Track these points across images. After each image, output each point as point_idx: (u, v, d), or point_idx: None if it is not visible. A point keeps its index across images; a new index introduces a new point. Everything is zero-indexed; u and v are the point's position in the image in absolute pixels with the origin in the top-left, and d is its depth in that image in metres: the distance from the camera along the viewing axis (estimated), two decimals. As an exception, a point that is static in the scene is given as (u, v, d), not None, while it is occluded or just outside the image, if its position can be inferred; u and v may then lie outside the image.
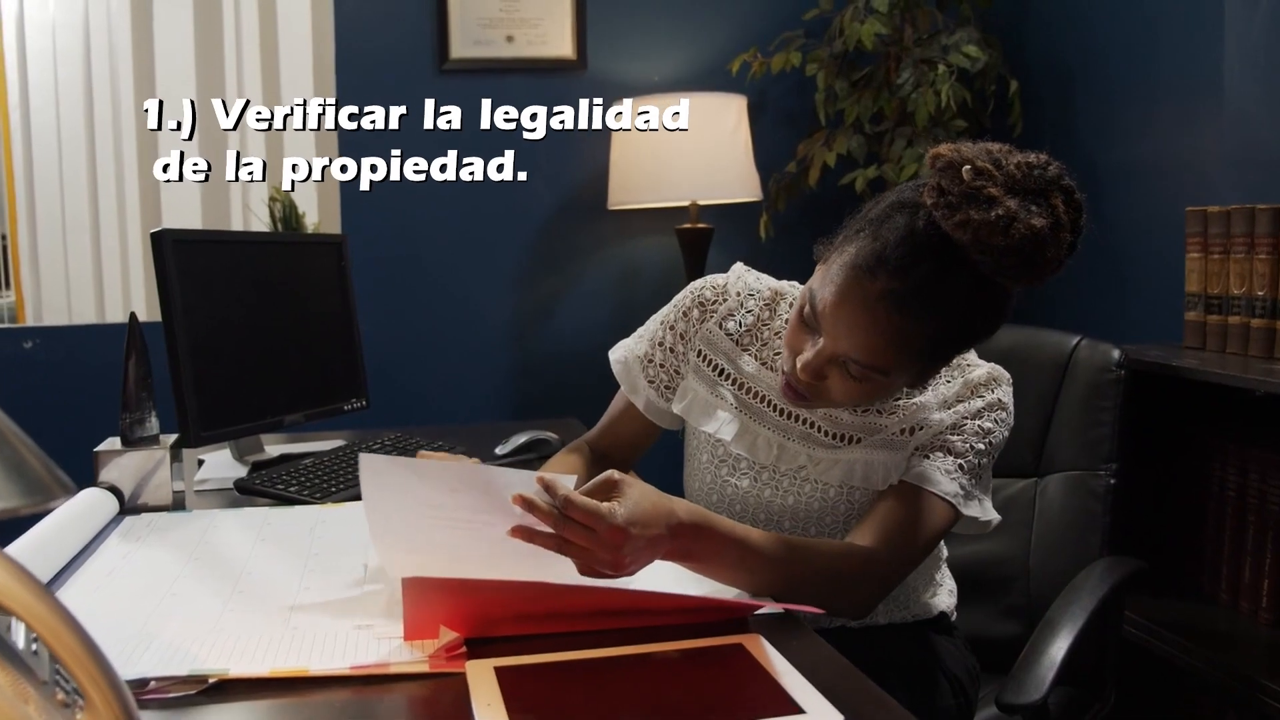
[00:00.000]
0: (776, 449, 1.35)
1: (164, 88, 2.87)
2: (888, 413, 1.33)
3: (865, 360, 1.18)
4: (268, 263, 1.81)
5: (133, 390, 1.46)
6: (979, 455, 1.29)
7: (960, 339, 1.22)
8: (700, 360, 1.42)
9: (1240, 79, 2.18)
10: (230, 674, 0.91)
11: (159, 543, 1.31)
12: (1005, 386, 1.33)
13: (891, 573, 1.23)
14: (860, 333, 1.16)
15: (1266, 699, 1.65)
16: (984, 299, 1.18)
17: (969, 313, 1.18)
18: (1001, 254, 1.10)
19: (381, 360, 2.64)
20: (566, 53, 3.07)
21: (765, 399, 1.37)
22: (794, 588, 1.14)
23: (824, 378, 1.22)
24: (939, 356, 1.23)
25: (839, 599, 1.20)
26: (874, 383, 1.20)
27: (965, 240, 1.10)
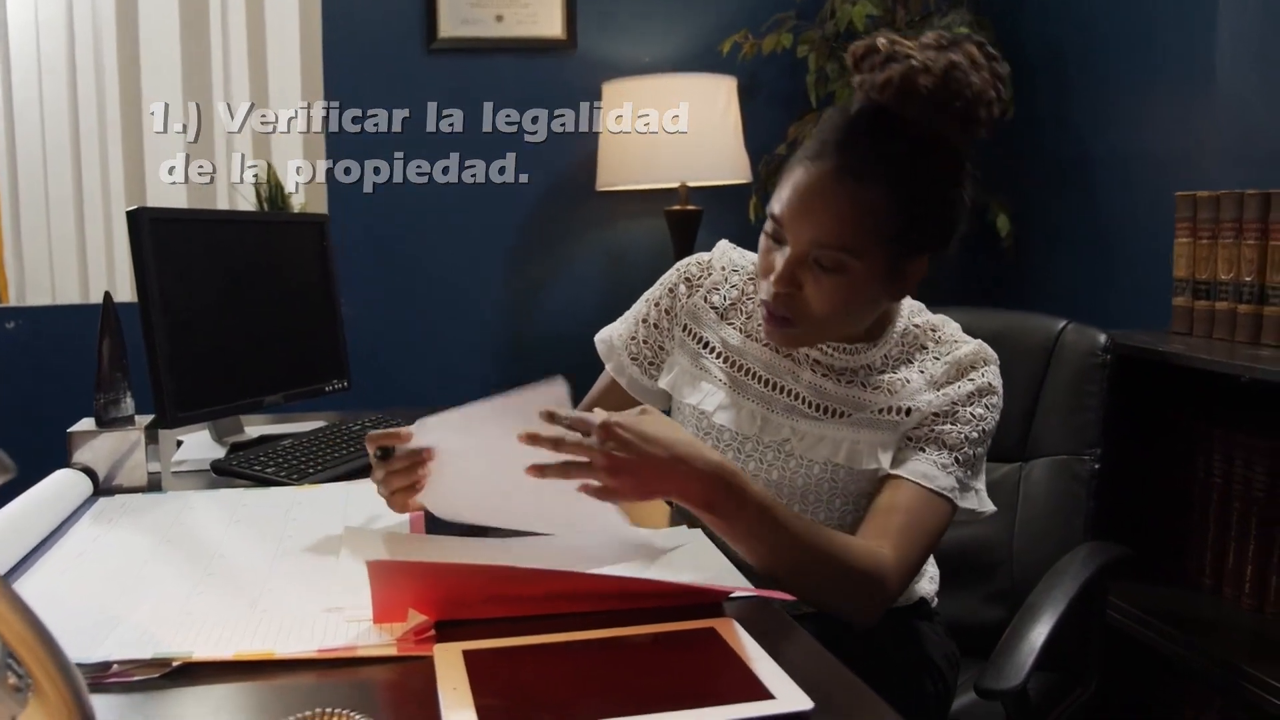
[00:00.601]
0: (760, 420, 1.35)
1: (148, 62, 2.84)
2: (872, 387, 1.32)
3: (829, 239, 1.20)
4: (248, 242, 1.79)
5: (107, 371, 1.45)
6: (973, 445, 1.28)
7: (918, 213, 1.22)
8: (685, 334, 1.43)
9: (1233, 64, 2.17)
10: (195, 657, 0.90)
11: (131, 525, 1.29)
12: (993, 367, 1.33)
13: (899, 577, 1.21)
14: (818, 213, 1.20)
15: (1249, 685, 1.64)
16: (932, 162, 1.22)
17: (919, 178, 1.21)
18: (928, 99, 1.16)
19: (366, 342, 2.62)
20: (556, 32, 3.05)
21: (749, 371, 1.37)
22: (805, 574, 1.15)
23: (799, 285, 1.23)
24: (903, 239, 1.22)
25: (846, 597, 1.19)
26: (847, 273, 1.21)
27: (893, 97, 1.17)
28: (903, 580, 1.22)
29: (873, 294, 1.26)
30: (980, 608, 1.66)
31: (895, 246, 1.22)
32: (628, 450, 1.07)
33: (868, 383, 1.32)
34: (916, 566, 1.25)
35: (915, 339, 1.34)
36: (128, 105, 2.83)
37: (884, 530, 1.23)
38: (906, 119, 1.18)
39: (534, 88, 3.05)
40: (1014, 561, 1.66)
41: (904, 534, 1.22)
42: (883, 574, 1.19)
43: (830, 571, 1.16)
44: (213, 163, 2.88)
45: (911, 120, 1.19)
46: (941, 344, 1.33)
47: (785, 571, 1.15)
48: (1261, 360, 1.69)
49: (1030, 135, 2.86)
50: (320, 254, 1.94)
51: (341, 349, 1.97)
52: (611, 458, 1.07)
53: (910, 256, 1.25)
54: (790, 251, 1.23)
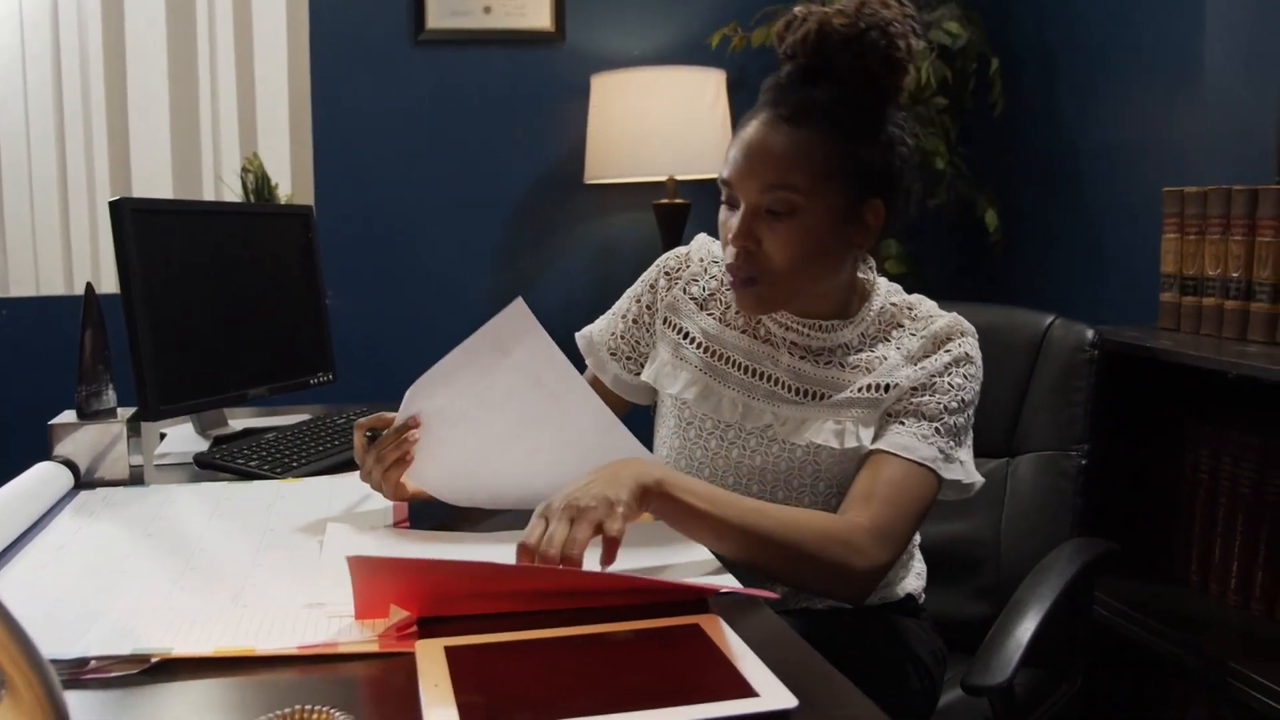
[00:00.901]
0: (742, 408, 1.36)
1: (134, 50, 2.81)
2: (850, 366, 1.33)
3: (774, 180, 1.24)
4: (232, 234, 1.78)
5: (89, 362, 1.44)
6: (953, 414, 1.29)
7: (857, 152, 1.26)
8: (665, 326, 1.44)
9: (1220, 60, 2.17)
10: (174, 653, 0.89)
11: (112, 518, 1.28)
12: (970, 338, 1.34)
13: (883, 549, 1.20)
14: (760, 161, 1.25)
15: (1235, 681, 1.65)
16: (861, 102, 1.27)
17: (850, 118, 1.26)
18: (844, 38, 1.23)
19: (353, 334, 2.61)
20: (545, 24, 3.03)
21: (729, 359, 1.38)
22: (775, 556, 1.15)
23: (757, 239, 1.27)
24: (848, 179, 1.26)
25: (824, 570, 1.17)
26: (799, 216, 1.25)
27: (814, 47, 1.26)
28: (883, 547, 1.20)
29: (830, 239, 1.28)
30: (967, 604, 1.66)
31: (841, 185, 1.26)
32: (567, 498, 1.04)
33: (845, 362, 1.33)
34: (899, 535, 1.23)
35: (892, 317, 1.36)
36: (112, 94, 2.81)
37: (863, 502, 1.23)
38: (832, 68, 1.26)
39: (522, 80, 3.04)
40: (1001, 557, 1.66)
41: (883, 503, 1.22)
42: (857, 541, 1.18)
43: (800, 548, 1.15)
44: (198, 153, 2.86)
45: (836, 67, 1.26)
46: (917, 320, 1.35)
47: (762, 564, 1.16)
48: (1248, 356, 1.69)
49: (1018, 130, 2.86)
50: (305, 246, 1.93)
51: (327, 341, 1.95)
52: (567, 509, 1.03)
53: (861, 199, 1.28)
54: (743, 207, 1.27)
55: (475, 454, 1.25)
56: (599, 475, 1.07)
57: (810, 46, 1.26)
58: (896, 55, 1.26)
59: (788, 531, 1.15)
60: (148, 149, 2.85)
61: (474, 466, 1.26)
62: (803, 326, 1.35)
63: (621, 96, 2.83)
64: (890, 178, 1.29)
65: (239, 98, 2.89)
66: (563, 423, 1.20)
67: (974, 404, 1.33)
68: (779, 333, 1.36)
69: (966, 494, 1.34)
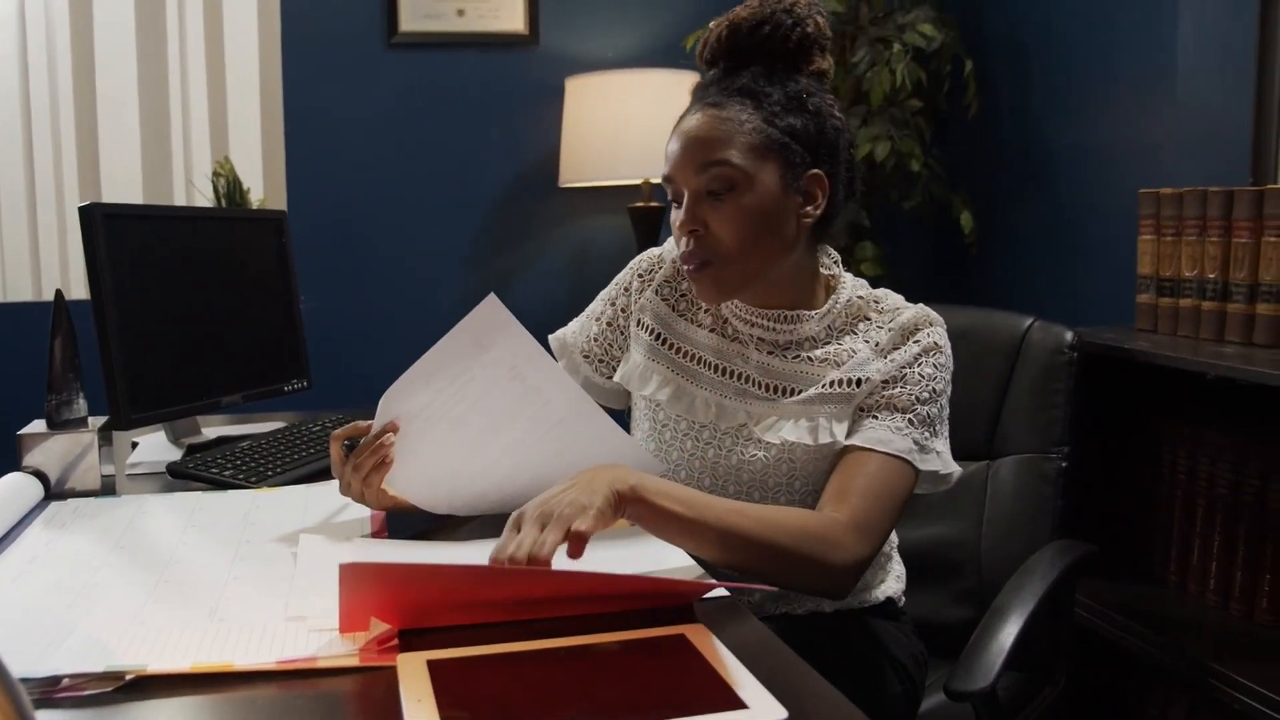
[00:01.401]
0: (715, 407, 1.36)
1: (103, 53, 2.78)
2: (819, 360, 1.33)
3: (709, 159, 1.26)
4: (203, 239, 1.76)
5: (59, 371, 1.41)
6: (925, 404, 1.30)
7: (785, 122, 1.28)
8: (638, 328, 1.45)
9: (1194, 61, 2.17)
10: (149, 670, 0.86)
11: (84, 530, 1.26)
12: (937, 328, 1.34)
13: (862, 542, 1.20)
14: (693, 146, 1.28)
15: (1215, 681, 1.65)
16: (779, 78, 1.30)
17: (772, 93, 1.29)
18: (751, 24, 1.30)
19: (327, 339, 2.58)
20: (518, 27, 3.02)
21: (700, 359, 1.39)
22: (760, 560, 1.14)
23: (704, 221, 1.28)
24: (782, 148, 1.28)
25: (811, 573, 1.17)
26: (740, 191, 1.27)
27: (726, 43, 1.32)
28: (862, 541, 1.20)
29: (775, 211, 1.29)
30: (947, 607, 1.66)
31: (776, 155, 1.28)
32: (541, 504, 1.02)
33: (813, 356, 1.34)
34: (878, 528, 1.23)
35: (858, 310, 1.37)
36: (81, 97, 2.77)
37: (840, 497, 1.23)
38: (747, 54, 1.31)
39: (496, 83, 3.02)
40: (981, 560, 1.65)
41: (860, 497, 1.22)
42: (836, 536, 1.18)
43: (780, 546, 1.14)
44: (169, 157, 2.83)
45: (750, 50, 1.31)
46: (884, 313, 1.36)
47: (743, 563, 1.15)
48: (1226, 357, 1.69)
49: (993, 132, 2.86)
50: (279, 250, 1.91)
51: (301, 348, 1.93)
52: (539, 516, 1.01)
53: (800, 168, 1.29)
54: (688, 194, 1.29)
55: (456, 455, 1.23)
56: (574, 482, 1.05)
57: (724, 44, 1.33)
58: (807, 31, 1.30)
59: (766, 530, 1.14)
60: (117, 153, 2.82)
61: (456, 468, 1.24)
62: (767, 320, 1.35)
63: (596, 99, 2.82)
64: (826, 146, 1.31)
65: (210, 101, 2.86)
66: (544, 414, 1.19)
67: (946, 393, 1.33)
68: (745, 330, 1.37)
69: (945, 485, 1.34)
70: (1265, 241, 1.75)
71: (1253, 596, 1.79)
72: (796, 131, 1.28)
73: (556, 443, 1.19)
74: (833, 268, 1.41)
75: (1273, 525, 1.74)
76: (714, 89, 1.31)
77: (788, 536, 1.15)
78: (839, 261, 1.42)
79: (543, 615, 0.97)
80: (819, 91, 1.32)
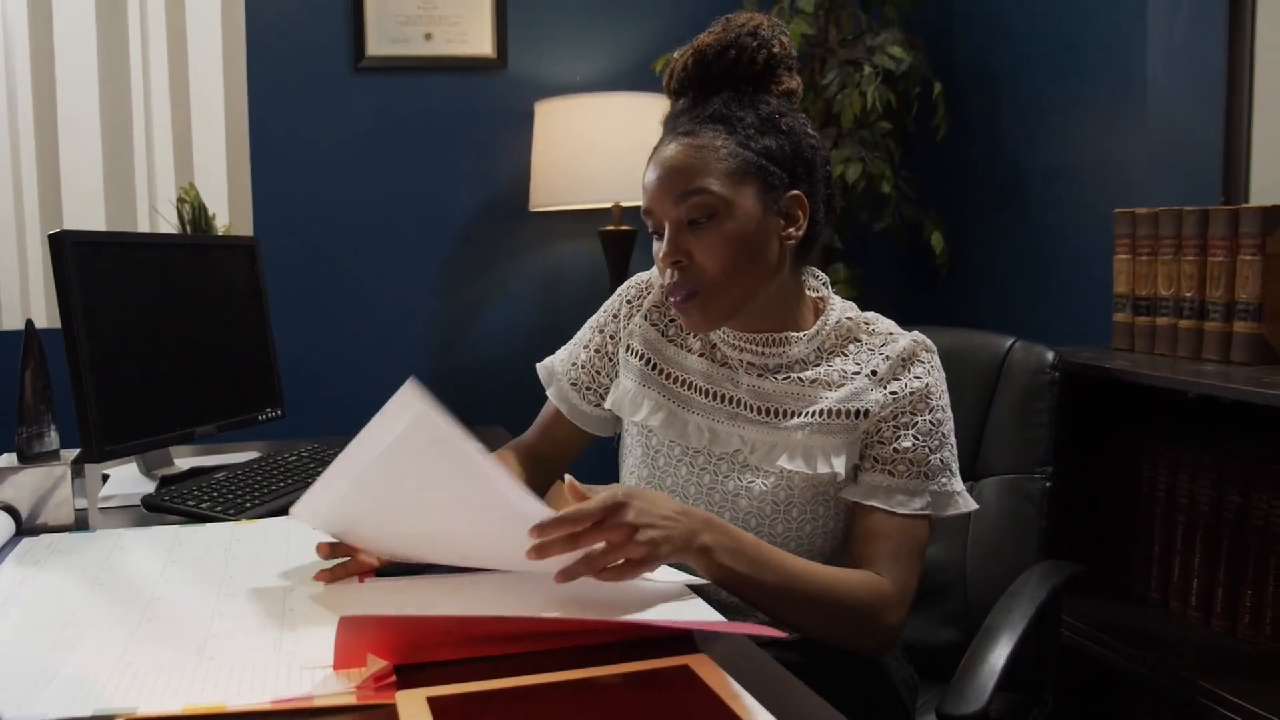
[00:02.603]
0: (708, 433, 1.35)
1: (64, 76, 2.73)
2: (809, 381, 1.33)
3: (687, 188, 1.25)
4: (175, 266, 1.72)
5: (30, 402, 1.38)
6: (936, 452, 1.30)
7: (759, 144, 1.28)
8: (628, 354, 1.44)
9: (1163, 81, 2.20)
10: (140, 713, 0.83)
11: (59, 566, 1.22)
12: (933, 356, 1.35)
13: (904, 606, 1.25)
14: (670, 177, 1.27)
15: (1200, 697, 1.65)
16: (749, 102, 1.30)
17: (744, 117, 1.28)
18: (715, 50, 1.30)
19: (297, 368, 2.55)
20: (486, 51, 3.01)
21: (690, 384, 1.39)
22: (811, 612, 1.19)
23: (687, 251, 1.27)
24: (759, 170, 1.27)
25: (857, 630, 1.22)
26: (721, 218, 1.26)
27: (693, 71, 1.31)
28: (905, 604, 1.25)
29: (757, 235, 1.28)
30: (935, 630, 1.65)
31: (754, 179, 1.27)
32: (646, 515, 1.07)
33: (804, 377, 1.33)
34: (914, 587, 1.27)
35: (848, 331, 1.36)
36: (41, 122, 2.72)
37: (874, 558, 1.25)
38: (716, 80, 1.31)
39: (465, 107, 3.01)
40: (967, 583, 1.64)
41: (895, 559, 1.25)
42: (886, 602, 1.22)
43: (835, 607, 1.19)
44: (132, 183, 2.79)
45: (718, 76, 1.30)
46: (875, 335, 1.35)
47: (792, 609, 1.18)
48: (1206, 375, 1.70)
49: (962, 154, 2.88)
50: (251, 277, 1.88)
51: (275, 376, 1.90)
52: (634, 527, 1.05)
53: (779, 189, 1.29)
54: (669, 226, 1.28)
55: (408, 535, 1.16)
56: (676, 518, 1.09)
57: (691, 73, 1.32)
58: (773, 52, 1.31)
59: (825, 595, 1.19)
60: (79, 179, 2.77)
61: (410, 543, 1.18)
62: (754, 344, 1.35)
63: (566, 123, 2.81)
64: (803, 165, 1.31)
65: (174, 126, 2.82)
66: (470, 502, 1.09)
67: (952, 428, 1.34)
68: (734, 355, 1.36)
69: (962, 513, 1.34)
70: (1241, 260, 1.77)
71: (1234, 613, 1.79)
72: (772, 153, 1.28)
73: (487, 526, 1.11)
74: (821, 290, 1.40)
75: (1254, 542, 1.75)
76: (685, 118, 1.30)
77: (845, 606, 1.20)
78: (828, 284, 1.42)
79: (543, 648, 0.95)
80: (790, 111, 1.32)
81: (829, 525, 1.33)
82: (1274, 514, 1.72)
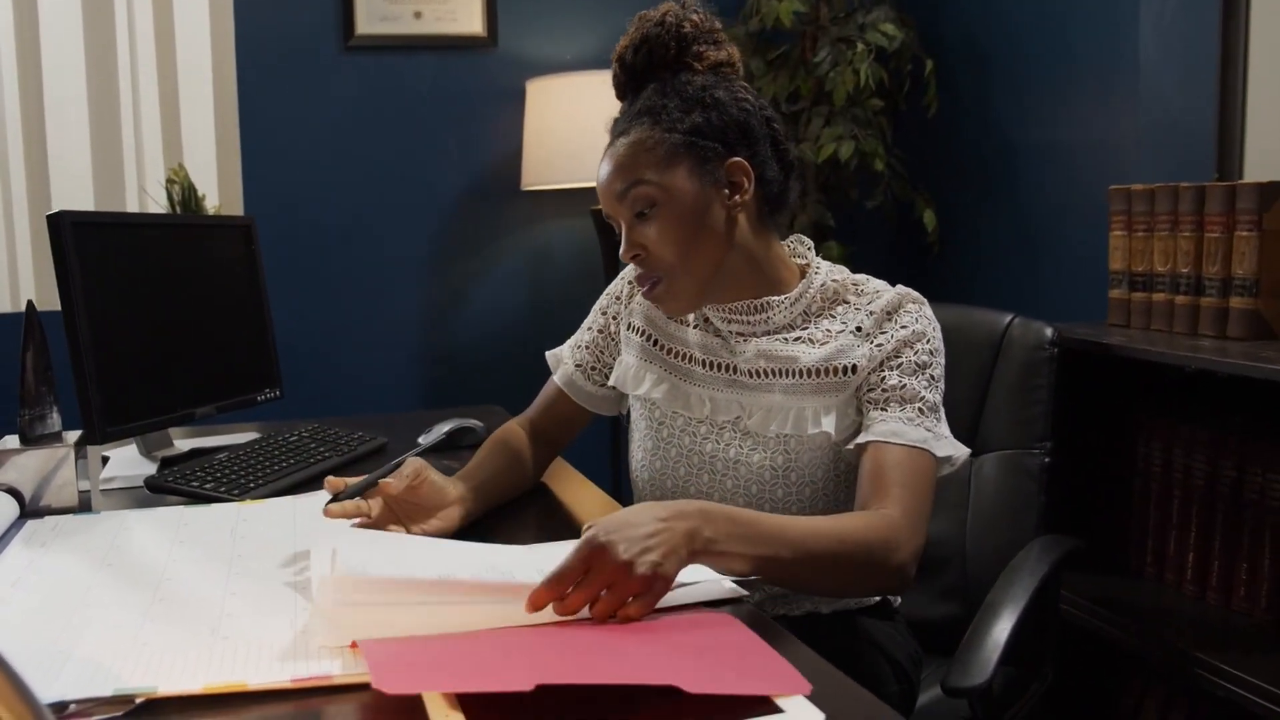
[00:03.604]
0: (709, 402, 1.38)
1: (50, 57, 2.71)
2: (802, 341, 1.34)
3: (626, 182, 1.30)
4: (172, 247, 1.71)
5: (32, 384, 1.37)
6: (929, 390, 1.31)
7: (688, 122, 1.30)
8: (629, 331, 1.48)
9: (1156, 59, 2.20)
10: (159, 692, 0.83)
11: (66, 548, 1.22)
12: (921, 306, 1.36)
13: (916, 533, 1.21)
14: (613, 176, 1.32)
15: (1196, 669, 1.67)
16: (674, 85, 1.33)
17: (668, 102, 1.31)
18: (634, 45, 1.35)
19: (291, 348, 2.54)
20: (476, 29, 2.99)
21: (689, 356, 1.41)
22: (825, 567, 1.14)
23: (643, 245, 1.31)
24: (691, 148, 1.30)
25: (880, 577, 1.19)
26: (663, 204, 1.30)
27: (623, 82, 1.37)
28: (916, 531, 1.21)
29: (703, 211, 1.31)
30: (935, 604, 1.66)
31: (685, 158, 1.30)
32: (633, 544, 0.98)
33: (789, 337, 1.36)
34: (925, 514, 1.24)
35: (835, 293, 1.38)
36: (28, 103, 2.70)
37: (878, 492, 1.23)
38: (640, 77, 1.35)
39: (455, 86, 2.99)
40: (967, 557, 1.66)
41: (900, 488, 1.23)
42: (898, 535, 1.18)
43: (851, 556, 1.15)
44: (120, 164, 2.76)
45: (641, 73, 1.35)
46: (863, 295, 1.37)
47: (809, 574, 1.15)
48: (1202, 350, 1.71)
49: (953, 131, 2.88)
50: (248, 257, 1.87)
51: (273, 356, 1.89)
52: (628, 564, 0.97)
53: (715, 160, 1.31)
54: (624, 222, 1.33)
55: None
56: (663, 529, 1.01)
57: (622, 79, 1.38)
58: (684, 32, 1.34)
59: (839, 548, 1.14)
60: (67, 160, 2.75)
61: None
62: (738, 314, 1.37)
63: (558, 102, 2.80)
64: (736, 130, 1.32)
65: (162, 106, 2.80)
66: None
67: (941, 377, 1.34)
68: (724, 326, 1.39)
69: (952, 468, 1.33)
70: (1238, 236, 1.78)
71: (1229, 586, 1.81)
72: (700, 128, 1.30)
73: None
74: (806, 255, 1.43)
75: (1249, 515, 1.77)
76: (621, 120, 1.36)
77: (856, 553, 1.15)
78: (813, 249, 1.44)
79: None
80: (720, 83, 1.34)
81: (829, 488, 1.34)
82: (1269, 487, 1.73)
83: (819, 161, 2.71)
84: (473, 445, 1.77)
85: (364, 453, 1.71)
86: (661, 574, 0.98)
